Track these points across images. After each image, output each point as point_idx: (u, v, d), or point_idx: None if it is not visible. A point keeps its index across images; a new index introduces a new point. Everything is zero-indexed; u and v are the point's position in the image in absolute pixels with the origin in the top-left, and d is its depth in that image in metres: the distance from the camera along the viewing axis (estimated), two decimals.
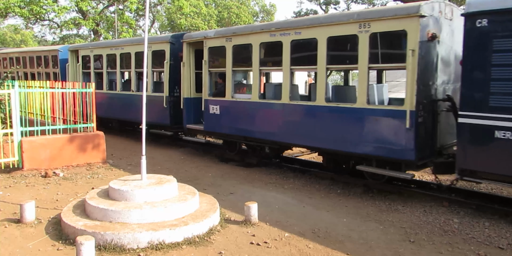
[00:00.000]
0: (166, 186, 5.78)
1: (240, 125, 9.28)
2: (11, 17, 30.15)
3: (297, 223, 5.93)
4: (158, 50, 11.57)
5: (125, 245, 4.89)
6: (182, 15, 34.90)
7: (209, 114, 9.96)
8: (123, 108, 12.85)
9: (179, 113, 11.03)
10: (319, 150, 8.45)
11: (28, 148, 8.39)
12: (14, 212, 6.08)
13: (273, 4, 46.95)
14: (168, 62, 11.12)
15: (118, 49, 12.95)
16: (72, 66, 15.03)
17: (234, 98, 9.42)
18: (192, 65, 10.72)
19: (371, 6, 29.59)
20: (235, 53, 9.37)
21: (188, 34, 10.77)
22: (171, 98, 11.23)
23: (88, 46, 14.64)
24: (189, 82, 10.72)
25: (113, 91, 13.48)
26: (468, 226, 5.85)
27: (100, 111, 12.88)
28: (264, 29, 8.65)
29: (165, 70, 11.23)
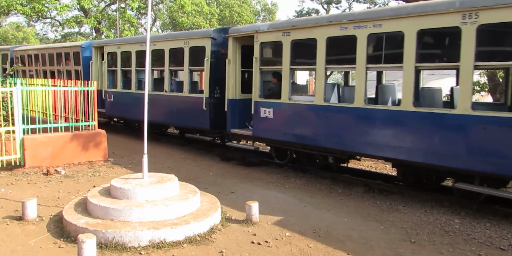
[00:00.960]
0: (167, 185, 5.80)
1: (299, 131, 8.22)
2: (13, 15, 30.19)
3: (298, 222, 5.94)
4: (196, 46, 10.45)
5: (126, 243, 4.91)
6: (183, 13, 34.89)
7: (259, 118, 8.90)
8: (155, 110, 11.50)
9: (219, 116, 10.03)
10: (398, 162, 7.20)
11: (30, 146, 8.41)
12: (16, 209, 6.10)
13: (274, 3, 46.90)
14: (209, 59, 10.00)
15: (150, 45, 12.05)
16: (96, 64, 14.19)
17: (292, 101, 8.35)
18: (238, 62, 9.67)
19: (372, 5, 29.56)
20: (294, 49, 8.27)
21: (235, 28, 9.82)
22: (211, 99, 10.16)
23: (114, 42, 13.63)
24: (234, 81, 9.68)
25: (142, 90, 12.07)
26: (469, 227, 5.85)
27: (126, 112, 12.65)
28: (333, 21, 7.56)
29: (205, 69, 10.14)
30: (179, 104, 10.94)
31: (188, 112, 10.60)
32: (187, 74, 10.84)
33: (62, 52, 15.77)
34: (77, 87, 9.45)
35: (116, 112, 13.56)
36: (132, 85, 12.63)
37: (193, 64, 10.75)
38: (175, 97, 11.05)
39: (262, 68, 8.97)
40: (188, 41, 10.54)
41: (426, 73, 11.04)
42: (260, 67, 8.91)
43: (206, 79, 10.17)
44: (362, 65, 7.18)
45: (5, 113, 9.10)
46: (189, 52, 10.62)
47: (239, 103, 9.77)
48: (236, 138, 9.97)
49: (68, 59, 15.40)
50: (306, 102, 8.21)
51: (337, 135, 7.65)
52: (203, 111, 10.16)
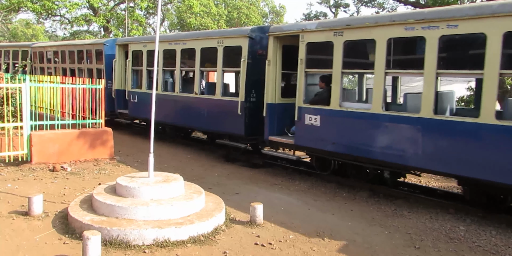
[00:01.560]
0: (172, 184, 5.81)
1: (351, 142, 7.48)
2: (23, 12, 30.44)
3: (302, 225, 5.93)
4: (232, 46, 9.73)
5: (131, 241, 4.92)
6: (192, 14, 35.04)
7: (303, 125, 8.14)
8: (182, 113, 11.07)
9: (255, 122, 9.34)
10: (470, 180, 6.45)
11: (37, 142, 8.46)
12: (22, 204, 6.14)
13: (282, 5, 47.04)
14: (246, 60, 9.27)
15: (179, 44, 11.07)
16: (119, 63, 13.46)
17: (343, 108, 7.59)
18: (278, 64, 8.87)
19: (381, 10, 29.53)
20: (348, 51, 7.56)
21: (277, 27, 9.13)
22: (247, 103, 9.40)
23: (140, 40, 12.86)
24: (274, 84, 8.87)
25: (170, 92, 11.60)
26: (474, 234, 5.82)
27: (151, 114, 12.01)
28: (397, 20, 6.79)
29: (242, 70, 9.37)
30: (210, 107, 10.28)
31: (220, 117, 9.91)
32: (220, 76, 10.08)
33: (83, 50, 14.98)
34: (85, 85, 9.50)
35: (140, 113, 12.75)
36: (159, 86, 11.76)
37: (227, 65, 10.03)
38: (206, 100, 10.43)
39: (308, 71, 8.25)
40: (222, 40, 9.82)
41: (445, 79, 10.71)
42: (305, 69, 8.19)
43: (242, 81, 9.40)
44: (431, 70, 6.44)
45: (13, 109, 9.16)
46: (223, 52, 9.89)
47: (279, 108, 8.99)
48: (274, 146, 9.25)
49: (90, 57, 14.63)
50: (360, 110, 7.41)
51: (397, 148, 6.84)
52: (238, 116, 9.42)
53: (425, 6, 17.17)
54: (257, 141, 9.77)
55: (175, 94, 11.27)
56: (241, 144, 9.82)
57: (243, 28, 11.12)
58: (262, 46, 9.34)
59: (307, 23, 8.52)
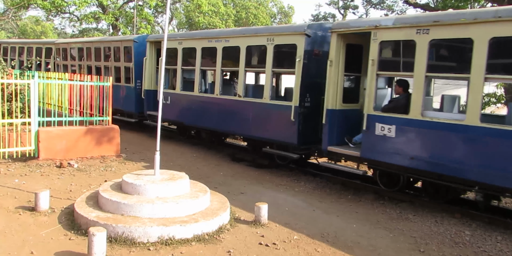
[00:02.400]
0: (178, 183, 5.83)
1: (437, 158, 6.48)
2: (33, 9, 30.63)
3: (307, 226, 5.93)
4: (284, 44, 8.85)
5: (136, 238, 4.95)
6: (200, 13, 35.12)
7: (373, 136, 7.18)
8: (222, 117, 10.12)
9: (309, 129, 8.52)
10: None
11: (44, 138, 8.52)
12: (28, 200, 6.19)
13: (291, 6, 46.96)
14: (301, 60, 8.29)
15: (221, 41, 10.08)
16: (150, 61, 12.53)
17: (427, 117, 6.58)
18: (341, 65, 7.90)
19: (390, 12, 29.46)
20: (434, 51, 6.69)
21: (342, 23, 8.22)
22: (301, 109, 8.42)
23: (175, 36, 11.83)
24: (335, 88, 7.89)
25: (209, 94, 10.69)
26: (479, 239, 5.79)
27: (185, 117, 11.23)
28: (503, 16, 5.78)
29: (296, 71, 8.42)
30: (256, 112, 9.32)
31: (268, 123, 9.01)
32: (269, 77, 9.08)
33: (111, 46, 14.11)
34: (92, 82, 9.55)
35: (173, 116, 11.74)
36: (195, 87, 10.91)
37: (279, 65, 9.07)
38: (252, 104, 9.42)
39: (381, 74, 7.34)
40: (272, 38, 8.85)
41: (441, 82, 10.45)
42: (377, 72, 7.23)
43: (297, 84, 8.44)
44: None
45: (22, 105, 9.23)
46: (273, 51, 8.90)
47: (339, 115, 8.00)
48: (333, 157, 8.22)
49: (118, 55, 13.80)
50: (450, 121, 6.38)
51: (498, 168, 5.89)
52: (290, 122, 8.46)
53: (435, 9, 17.11)
54: (309, 151, 8.91)
55: (215, 96, 10.32)
56: (293, 154, 8.78)
57: (299, 24, 10.03)
58: (319, 45, 8.54)
59: (381, 18, 7.48)
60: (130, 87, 13.33)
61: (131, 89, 13.31)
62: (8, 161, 8.31)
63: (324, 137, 8.03)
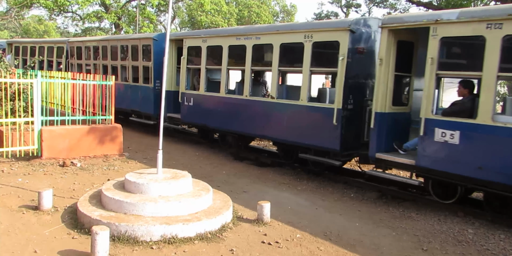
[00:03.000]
0: (181, 181, 5.84)
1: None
2: (36, 8, 30.73)
3: (309, 224, 5.93)
4: (325, 41, 8.17)
5: (139, 237, 4.96)
6: (202, 12, 35.14)
7: (432, 142, 6.54)
8: (252, 120, 9.48)
9: (352, 134, 7.95)
10: None
11: (47, 137, 8.54)
12: (32, 199, 6.21)
13: (294, 4, 46.91)
14: (345, 59, 7.65)
15: (251, 38, 9.36)
16: (171, 60, 11.88)
17: (498, 123, 5.86)
18: (391, 64, 7.18)
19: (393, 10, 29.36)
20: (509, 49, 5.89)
21: (395, 17, 7.36)
22: (345, 112, 7.79)
23: (199, 34, 11.03)
24: (385, 89, 7.19)
25: (237, 95, 9.97)
26: (483, 238, 5.77)
27: (210, 120, 10.56)
28: None
29: (339, 71, 7.74)
30: (291, 115, 8.66)
31: (306, 127, 8.32)
32: (307, 78, 8.32)
33: (128, 45, 13.40)
34: (95, 81, 9.57)
35: (196, 119, 11.07)
36: (222, 88, 10.21)
37: (318, 64, 8.41)
38: (287, 106, 8.74)
39: (441, 74, 6.65)
40: (311, 35, 8.14)
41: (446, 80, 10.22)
42: (437, 71, 6.53)
43: (340, 84, 7.78)
44: None
45: (24, 104, 9.26)
46: (311, 49, 8.19)
47: (389, 118, 7.33)
48: (381, 165, 7.53)
49: (136, 53, 13.08)
50: None
51: None
52: (332, 126, 7.79)
53: (438, 7, 17.03)
54: (351, 157, 8.39)
55: (244, 98, 9.60)
56: (335, 161, 8.12)
57: (342, 19, 9.27)
58: (364, 42, 7.95)
59: (443, 12, 6.76)
60: (149, 87, 12.63)
61: (150, 89, 12.59)
62: (11, 160, 8.34)
63: (371, 143, 7.36)
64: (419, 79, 7.64)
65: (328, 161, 8.19)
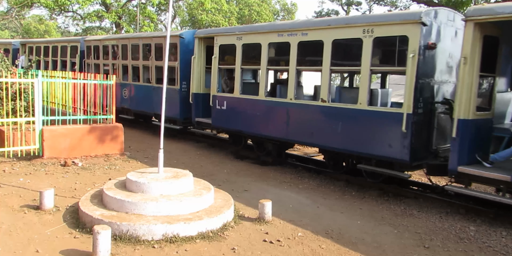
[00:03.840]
0: (182, 180, 5.84)
1: None
2: (36, 8, 30.73)
3: (311, 223, 5.93)
4: (389, 36, 7.24)
5: (140, 236, 4.96)
6: (203, 11, 35.11)
7: None
8: (297, 126, 8.57)
9: (422, 142, 7.10)
10: None
11: (48, 137, 8.55)
12: (33, 198, 6.22)
13: (294, 3, 46.79)
14: (416, 56, 6.77)
15: (296, 35, 8.42)
16: (199, 60, 10.95)
17: None
18: (476, 63, 6.29)
19: (393, 8, 29.29)
20: None
21: (482, 8, 6.21)
22: (415, 117, 6.89)
23: (233, 31, 9.94)
24: (469, 92, 6.31)
25: (280, 99, 8.94)
26: (484, 235, 5.77)
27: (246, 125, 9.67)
28: None
29: (409, 70, 6.83)
30: (347, 120, 7.75)
31: (366, 134, 7.43)
32: (367, 78, 7.40)
33: (151, 44, 12.49)
34: (96, 80, 9.57)
35: (229, 124, 10.13)
36: (260, 90, 9.28)
37: (381, 62, 7.69)
38: (341, 111, 7.84)
39: None
40: (371, 29, 7.27)
41: None
42: None
43: (410, 85, 6.87)
44: None
45: (26, 104, 9.27)
46: (372, 45, 7.29)
47: (472, 126, 6.46)
48: (464, 179, 6.61)
49: (160, 53, 12.11)
50: None
51: None
52: (401, 134, 6.90)
53: (439, 5, 16.99)
54: (420, 168, 7.58)
55: (288, 102, 8.66)
56: (404, 174, 7.26)
57: (412, 11, 8.27)
58: (436, 36, 7.06)
59: None
60: (175, 89, 11.69)
61: (176, 92, 11.66)
62: (12, 160, 8.35)
63: (453, 155, 6.49)
64: (502, 80, 6.88)
65: (397, 174, 7.27)
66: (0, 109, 8.81)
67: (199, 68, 10.99)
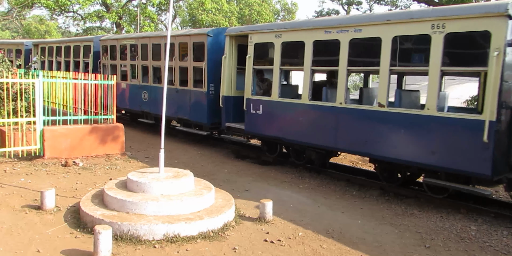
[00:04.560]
0: (182, 180, 5.84)
1: None
2: (37, 8, 30.77)
3: (312, 222, 5.93)
4: (465, 32, 6.31)
5: (141, 236, 4.97)
6: (203, 11, 35.12)
7: None
8: (349, 133, 7.66)
9: (502, 153, 6.22)
10: None
11: (49, 137, 8.56)
12: (34, 199, 6.22)
13: (294, 2, 46.81)
14: (501, 54, 5.83)
15: (347, 31, 7.56)
16: (230, 60, 9.98)
17: None
18: None
19: (394, 7, 29.27)
20: None
21: None
22: (498, 124, 5.99)
23: (271, 28, 8.96)
24: None
25: (328, 103, 8.00)
26: (485, 234, 5.76)
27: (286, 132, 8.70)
28: None
29: (492, 71, 5.91)
30: (413, 128, 6.82)
31: (435, 143, 6.55)
32: (436, 80, 6.50)
33: (175, 42, 11.48)
34: (96, 80, 9.57)
35: (266, 130, 9.15)
36: (304, 93, 8.35)
37: (453, 61, 6.70)
38: (405, 117, 6.90)
39: None
40: (442, 24, 6.38)
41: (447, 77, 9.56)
42: None
43: (494, 88, 5.93)
44: None
45: (26, 104, 9.27)
46: (443, 42, 6.37)
47: None
48: None
49: (185, 52, 11.42)
50: None
51: None
52: (481, 144, 6.00)
53: (439, 4, 16.98)
54: (499, 183, 6.76)
55: (338, 106, 7.76)
56: (484, 191, 6.50)
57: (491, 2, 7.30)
58: None
59: None
60: (201, 92, 10.85)
61: (203, 94, 10.82)
62: (13, 160, 8.36)
63: None
64: None
65: (476, 191, 6.42)
66: (1, 109, 8.81)
67: (230, 69, 10.04)
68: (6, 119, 8.37)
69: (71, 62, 15.89)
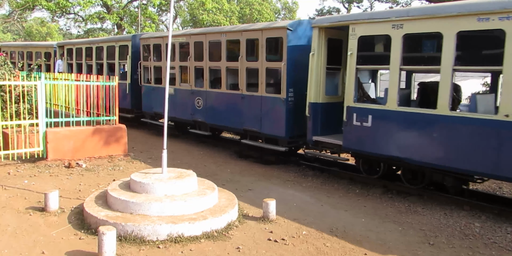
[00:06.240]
0: (186, 180, 5.85)
1: None
2: (38, 10, 30.84)
3: (315, 221, 5.93)
4: None
5: (145, 236, 4.98)
6: (204, 10, 35.14)
7: None
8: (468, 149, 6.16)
9: None
10: None
11: (52, 139, 8.58)
12: (38, 200, 6.25)
13: (295, 1, 46.72)
14: None
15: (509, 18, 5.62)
16: (319, 58, 8.13)
17: None
18: None
19: (395, 5, 29.20)
20: None
21: None
22: None
23: (386, 16, 7.05)
24: None
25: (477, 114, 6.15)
26: (489, 231, 5.75)
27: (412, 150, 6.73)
28: None
29: None
30: None
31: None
32: None
33: (240, 39, 9.70)
34: (98, 82, 9.59)
35: (377, 147, 7.25)
36: (441, 100, 6.40)
37: None
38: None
39: None
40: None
41: None
42: None
43: None
44: None
45: (29, 106, 9.31)
46: None
47: None
48: None
49: (255, 50, 9.53)
50: None
51: None
52: None
53: (440, 1, 16.93)
54: None
55: (500, 120, 5.82)
56: None
57: None
58: None
59: None
60: (278, 99, 8.94)
61: (280, 102, 8.89)
62: (17, 163, 8.39)
63: None
64: None
65: None
66: (4, 112, 8.84)
67: (319, 70, 8.16)
68: (9, 122, 8.40)
69: (105, 64, 14.35)
